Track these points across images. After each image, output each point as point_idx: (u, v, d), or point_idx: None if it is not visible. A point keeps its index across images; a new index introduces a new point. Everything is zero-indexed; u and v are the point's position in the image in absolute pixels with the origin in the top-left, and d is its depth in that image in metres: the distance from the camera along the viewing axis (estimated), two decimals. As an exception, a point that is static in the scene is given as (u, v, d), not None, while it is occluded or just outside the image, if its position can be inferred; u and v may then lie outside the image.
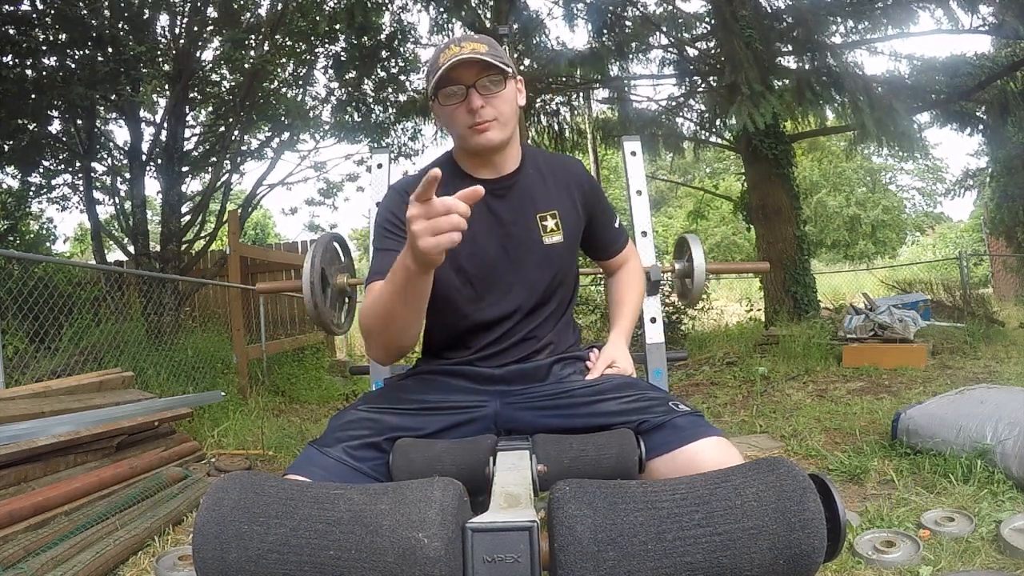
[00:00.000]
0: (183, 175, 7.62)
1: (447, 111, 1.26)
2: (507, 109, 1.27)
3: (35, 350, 4.45)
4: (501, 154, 1.32)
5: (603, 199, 1.48)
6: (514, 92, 1.30)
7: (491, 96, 1.24)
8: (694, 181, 23.23)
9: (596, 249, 1.51)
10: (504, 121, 1.26)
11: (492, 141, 1.26)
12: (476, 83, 1.22)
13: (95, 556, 2.25)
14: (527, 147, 1.42)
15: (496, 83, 1.24)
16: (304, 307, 1.64)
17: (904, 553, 2.13)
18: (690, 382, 5.89)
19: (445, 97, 1.24)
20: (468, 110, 1.23)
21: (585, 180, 1.43)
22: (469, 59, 1.20)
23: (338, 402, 6.03)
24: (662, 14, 9.46)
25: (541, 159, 1.42)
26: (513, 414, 1.27)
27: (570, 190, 1.39)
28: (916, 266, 13.75)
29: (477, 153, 1.30)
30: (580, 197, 1.40)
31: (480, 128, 1.24)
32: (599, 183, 1.51)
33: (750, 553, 0.76)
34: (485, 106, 1.23)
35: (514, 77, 1.29)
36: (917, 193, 28.08)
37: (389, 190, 1.41)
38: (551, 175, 1.39)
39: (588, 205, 1.42)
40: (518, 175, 1.35)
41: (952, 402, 3.11)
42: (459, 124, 1.25)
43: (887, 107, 7.14)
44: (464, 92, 1.23)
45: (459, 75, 1.22)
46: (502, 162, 1.33)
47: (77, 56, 6.90)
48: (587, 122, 11.13)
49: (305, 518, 0.78)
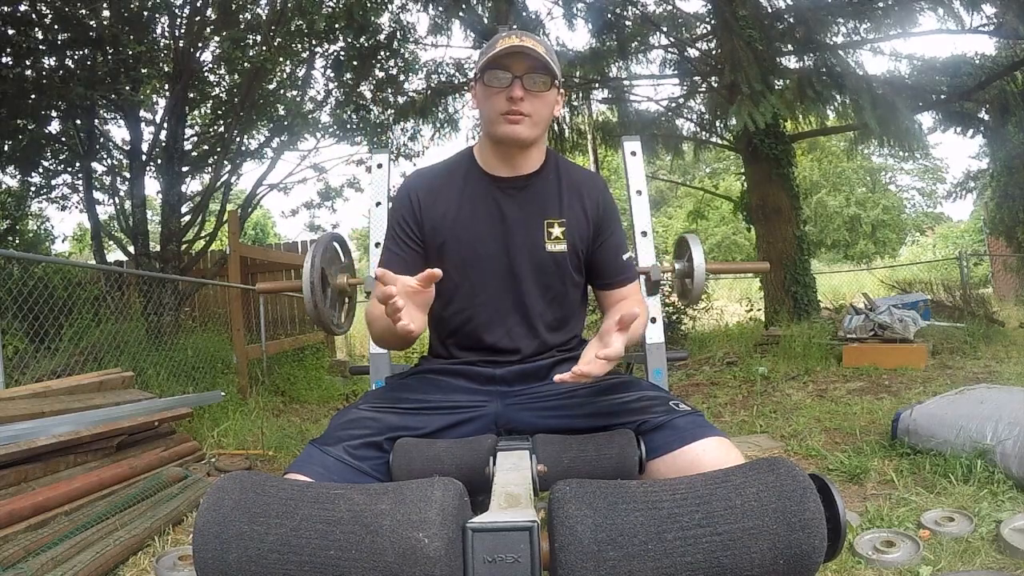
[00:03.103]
0: (183, 175, 7.62)
1: (488, 93, 1.28)
2: (544, 112, 1.29)
3: (35, 350, 4.45)
4: (523, 153, 1.33)
5: (617, 226, 1.42)
6: (554, 99, 1.31)
7: (533, 94, 1.26)
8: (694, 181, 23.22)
9: (597, 275, 1.41)
10: (536, 121, 1.28)
11: (520, 135, 1.27)
12: (524, 76, 1.24)
13: (95, 556, 2.25)
14: (553, 154, 1.42)
15: (542, 83, 1.26)
16: (304, 307, 1.64)
17: (904, 553, 2.13)
18: (690, 382, 5.89)
19: (491, 79, 1.26)
20: (508, 98, 1.25)
21: (603, 200, 1.40)
22: (525, 51, 1.23)
23: (338, 402, 6.03)
24: (662, 14, 9.45)
25: (564, 168, 1.41)
26: (513, 414, 1.27)
27: (584, 204, 1.37)
28: (916, 266, 13.75)
29: (501, 143, 1.31)
30: (593, 214, 1.37)
31: (513, 119, 1.26)
32: (617, 210, 1.44)
33: (750, 553, 0.76)
34: (525, 100, 1.25)
35: (558, 87, 1.31)
36: (917, 193, 28.11)
37: (399, 188, 1.41)
38: (569, 185, 1.38)
39: (599, 224, 1.38)
40: (535, 178, 1.35)
41: (952, 402, 3.11)
42: (494, 109, 1.27)
43: (889, 104, 7.14)
44: (509, 80, 1.24)
45: (510, 63, 1.24)
46: (522, 162, 1.34)
47: (76, 56, 6.90)
48: (587, 123, 11.12)
49: (305, 518, 0.78)
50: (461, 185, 1.35)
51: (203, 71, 7.71)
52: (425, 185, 1.36)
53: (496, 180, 1.34)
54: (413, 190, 1.36)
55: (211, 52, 7.59)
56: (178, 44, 7.14)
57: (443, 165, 1.42)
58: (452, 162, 1.41)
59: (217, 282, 7.01)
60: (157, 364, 4.90)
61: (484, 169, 1.35)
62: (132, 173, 7.27)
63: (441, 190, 1.34)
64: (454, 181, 1.36)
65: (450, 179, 1.36)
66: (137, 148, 7.24)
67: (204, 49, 7.48)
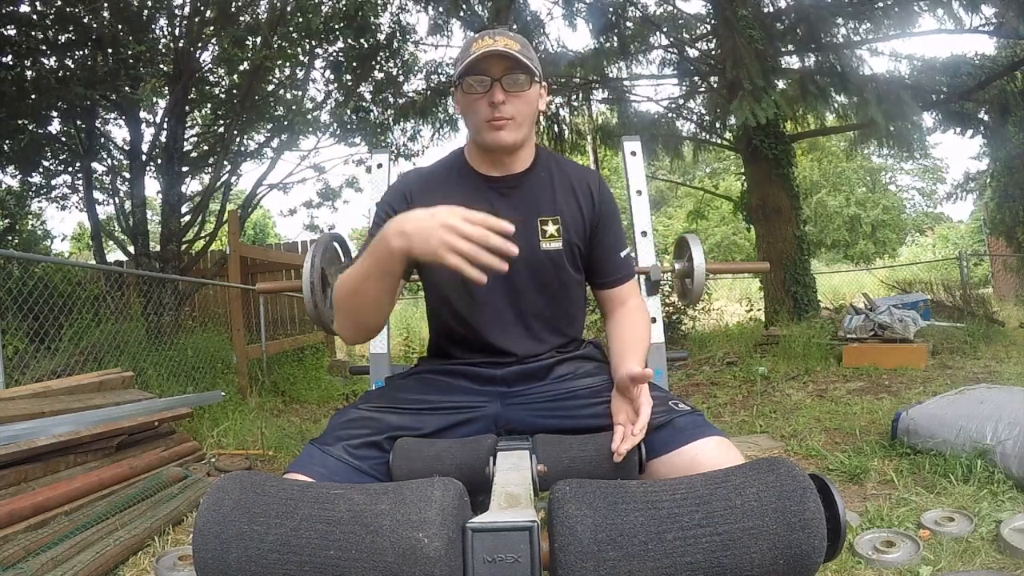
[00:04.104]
0: (183, 175, 7.62)
1: (469, 100, 1.26)
2: (526, 110, 1.27)
3: (35, 350, 4.45)
4: (512, 154, 1.32)
5: (616, 222, 1.40)
6: (536, 95, 1.29)
7: (514, 94, 1.24)
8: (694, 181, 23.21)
9: (594, 273, 1.39)
10: (520, 122, 1.27)
11: (505, 141, 1.26)
12: (502, 78, 1.23)
13: (95, 556, 2.25)
14: (544, 150, 1.40)
15: (522, 83, 1.24)
16: (304, 307, 1.64)
17: (904, 553, 2.13)
18: (690, 382, 5.89)
19: (469, 85, 1.24)
20: (489, 103, 1.23)
21: (600, 194, 1.38)
22: (501, 53, 1.21)
23: (338, 402, 6.03)
24: (662, 14, 9.45)
25: (556, 164, 1.39)
26: (513, 414, 1.27)
27: (579, 199, 1.36)
28: (916, 266, 13.74)
29: (489, 149, 1.31)
30: (589, 209, 1.36)
31: (496, 124, 1.25)
32: (616, 206, 1.41)
33: (750, 553, 0.76)
34: (506, 102, 1.23)
35: (539, 81, 1.29)
36: (917, 193, 28.12)
37: (393, 184, 1.41)
38: (562, 181, 1.36)
39: (596, 219, 1.36)
40: (526, 176, 1.35)
41: (952, 402, 3.11)
42: (478, 116, 1.26)
43: (895, 99, 7.13)
44: (489, 84, 1.23)
45: (487, 67, 1.23)
46: (512, 162, 1.33)
47: (76, 56, 6.89)
48: (587, 123, 11.12)
49: (305, 518, 0.78)
50: (454, 185, 1.34)
51: (203, 71, 7.71)
52: (419, 183, 1.36)
53: (488, 180, 1.34)
54: (407, 186, 1.35)
55: (211, 52, 7.59)
56: (178, 44, 7.14)
57: (436, 165, 1.41)
58: (445, 162, 1.40)
59: (217, 282, 7.01)
60: (157, 364, 4.90)
61: (475, 169, 1.35)
62: (132, 173, 7.27)
63: (434, 189, 1.33)
64: (447, 181, 1.35)
65: (443, 179, 1.36)
66: (137, 148, 7.24)
67: (204, 49, 7.47)
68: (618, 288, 1.40)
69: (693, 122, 10.51)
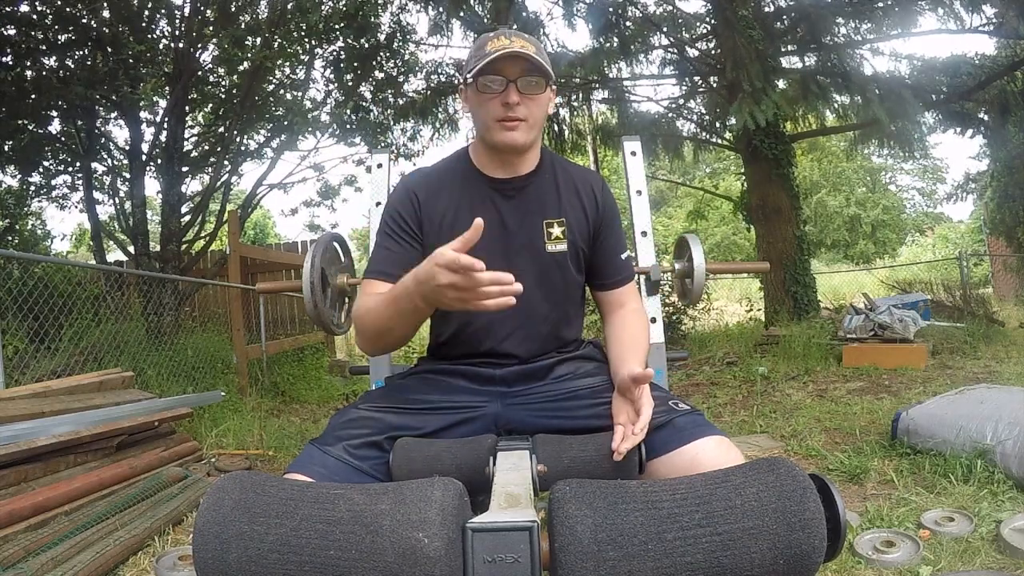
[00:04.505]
0: (183, 175, 7.61)
1: (481, 99, 1.26)
2: (539, 113, 1.28)
3: (35, 350, 4.45)
4: (521, 155, 1.32)
5: (617, 225, 1.42)
6: (548, 99, 1.30)
7: (528, 96, 1.24)
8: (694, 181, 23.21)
9: (594, 275, 1.40)
10: (532, 124, 1.27)
11: (516, 141, 1.26)
12: (518, 80, 1.23)
13: (95, 556, 2.25)
14: (548, 152, 1.40)
15: (536, 85, 1.25)
16: (304, 307, 1.64)
17: (904, 553, 2.13)
18: (690, 382, 5.89)
19: (484, 85, 1.24)
20: (503, 103, 1.23)
21: (602, 197, 1.39)
22: (518, 54, 1.21)
23: (338, 402, 6.04)
24: (662, 14, 9.45)
25: (560, 166, 1.40)
26: (513, 414, 1.27)
27: (583, 201, 1.36)
28: (916, 266, 13.75)
29: (497, 149, 1.30)
30: (592, 211, 1.36)
31: (509, 125, 1.24)
32: (617, 208, 1.43)
33: (750, 553, 0.76)
34: (520, 104, 1.23)
35: (552, 85, 1.30)
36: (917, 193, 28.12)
37: (398, 185, 1.40)
38: (567, 183, 1.37)
39: (599, 221, 1.37)
40: (532, 178, 1.35)
41: (952, 402, 3.11)
42: (489, 115, 1.25)
43: (897, 96, 7.13)
44: (504, 85, 1.23)
45: (504, 67, 1.22)
46: (519, 163, 1.33)
47: (76, 56, 6.89)
48: (587, 123, 11.11)
49: (305, 518, 0.78)
50: (459, 187, 1.34)
51: (203, 71, 7.71)
52: (424, 184, 1.35)
53: (493, 182, 1.33)
54: (413, 188, 1.34)
55: (211, 52, 7.59)
56: (178, 44, 7.14)
57: (440, 165, 1.40)
58: (449, 163, 1.40)
59: (217, 282, 7.01)
60: (157, 364, 4.90)
61: (481, 171, 1.34)
62: (132, 173, 7.26)
63: (440, 191, 1.33)
64: (452, 182, 1.35)
65: (448, 180, 1.35)
66: (137, 148, 7.23)
67: (204, 49, 7.47)
68: (618, 290, 1.40)
69: (693, 122, 10.52)
